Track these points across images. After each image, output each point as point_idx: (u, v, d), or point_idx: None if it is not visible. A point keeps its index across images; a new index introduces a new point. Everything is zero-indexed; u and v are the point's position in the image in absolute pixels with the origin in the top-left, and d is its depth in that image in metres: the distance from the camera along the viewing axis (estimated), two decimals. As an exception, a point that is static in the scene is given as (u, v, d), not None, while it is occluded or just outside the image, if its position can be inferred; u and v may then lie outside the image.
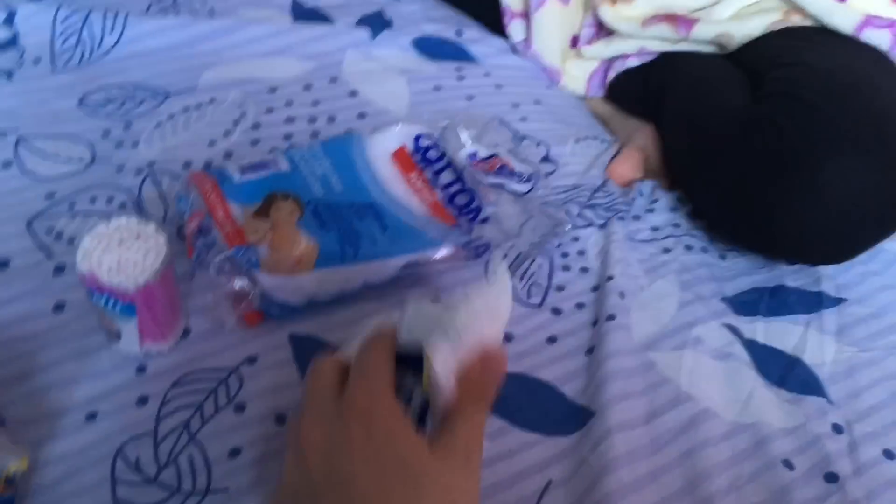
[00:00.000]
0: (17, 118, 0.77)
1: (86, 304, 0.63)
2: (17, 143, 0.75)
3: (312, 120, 0.84)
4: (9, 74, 0.82)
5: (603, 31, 0.99)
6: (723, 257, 0.82)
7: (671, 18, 0.91)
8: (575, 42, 1.01)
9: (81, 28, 0.86)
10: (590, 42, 1.00)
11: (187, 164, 0.77)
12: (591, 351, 0.68)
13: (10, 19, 0.85)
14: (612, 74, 0.98)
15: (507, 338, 0.68)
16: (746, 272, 0.81)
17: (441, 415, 0.46)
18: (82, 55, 0.86)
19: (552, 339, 0.69)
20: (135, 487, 0.54)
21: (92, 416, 0.58)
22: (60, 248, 0.67)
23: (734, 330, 0.72)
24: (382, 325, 0.50)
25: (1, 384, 0.58)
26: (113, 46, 0.87)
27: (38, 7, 0.87)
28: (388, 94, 0.90)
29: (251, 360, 0.63)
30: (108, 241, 0.56)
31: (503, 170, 0.75)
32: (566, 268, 0.75)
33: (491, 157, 0.76)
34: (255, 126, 0.82)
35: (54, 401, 0.58)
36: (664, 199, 0.87)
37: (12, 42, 0.84)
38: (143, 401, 0.59)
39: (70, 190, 0.72)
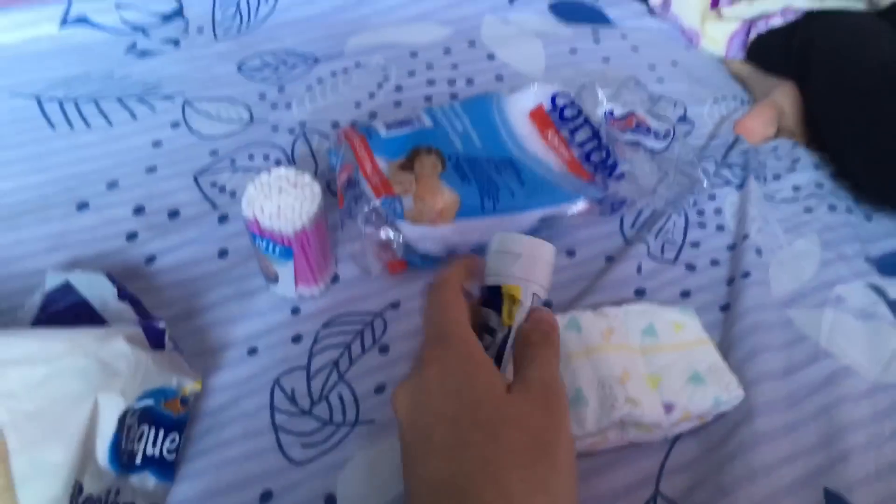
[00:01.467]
0: (184, 82, 0.84)
1: (247, 251, 0.68)
2: (184, 105, 0.81)
3: (451, 82, 0.87)
4: (176, 43, 0.89)
5: (746, -10, 0.97)
6: (868, 218, 0.80)
7: (819, -26, 0.88)
8: (715, 2, 1.00)
9: (239, -1, 0.93)
10: (732, 2, 0.98)
11: (335, 125, 0.81)
12: (726, 307, 0.68)
13: (175, -8, 0.92)
14: (753, 34, 0.96)
15: (639, 292, 0.69)
16: (893, 233, 0.78)
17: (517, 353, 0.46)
18: (240, 24, 0.92)
19: (686, 294, 0.69)
20: (291, 417, 0.59)
21: (252, 351, 0.63)
22: (224, 200, 0.73)
23: (879, 290, 0.71)
24: (455, 261, 0.49)
25: (173, 320, 0.64)
26: (268, 16, 0.93)
27: (202, -21, 0.94)
28: (525, 56, 0.92)
29: (394, 305, 0.67)
30: (270, 189, 0.61)
31: (640, 127, 0.75)
32: (702, 225, 0.75)
33: (628, 114, 0.77)
34: (398, 88, 0.86)
35: (219, 336, 0.64)
36: (806, 159, 0.85)
37: (178, 13, 0.92)
38: (297, 339, 0.64)
39: (231, 147, 0.78)
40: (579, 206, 0.71)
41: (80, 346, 0.48)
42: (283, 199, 0.60)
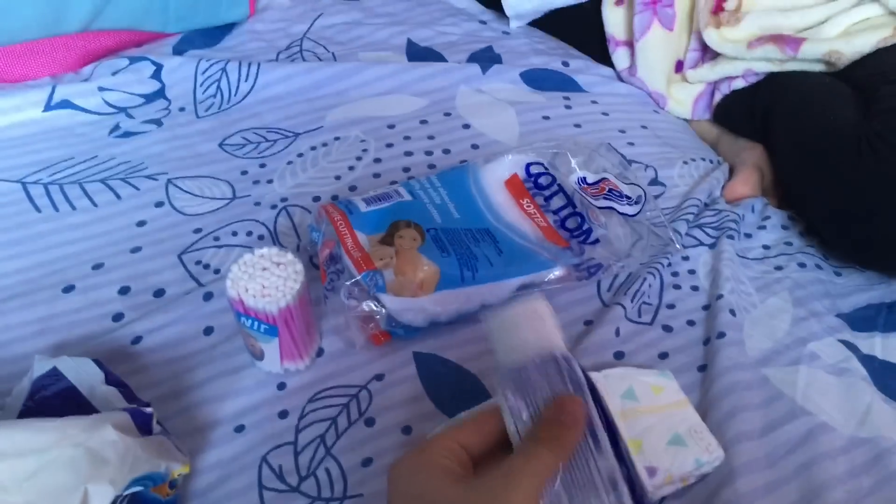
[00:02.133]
0: (167, 162, 0.86)
1: (232, 327, 0.69)
2: (167, 184, 0.83)
3: (429, 153, 0.90)
4: (158, 123, 0.91)
5: (708, 54, 1.00)
6: (838, 274, 0.82)
7: (777, 39, 0.91)
8: (679, 67, 1.03)
9: (220, 78, 0.95)
10: (695, 66, 1.01)
11: (316, 198, 0.83)
12: (703, 368, 0.70)
13: (157, 73, 0.95)
14: (718, 97, 1.00)
15: (619, 355, 0.70)
16: (863, 288, 0.80)
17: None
18: (221, 101, 0.95)
19: (663, 356, 0.71)
20: (280, 494, 0.60)
21: (240, 428, 0.64)
22: (208, 278, 0.75)
23: (850, 346, 0.72)
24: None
25: (160, 400, 0.65)
26: (248, 93, 0.95)
27: (182, 60, 0.96)
28: (499, 125, 0.95)
29: (379, 377, 0.68)
30: (253, 269, 0.62)
31: (612, 193, 0.78)
32: (676, 286, 0.77)
33: (600, 181, 0.79)
34: (377, 160, 0.88)
35: (206, 414, 0.65)
36: (775, 217, 0.87)
37: (160, 93, 0.94)
38: (283, 414, 0.65)
39: (214, 224, 0.80)
40: (557, 272, 0.73)
41: (69, 437, 0.48)
42: (266, 279, 0.61)
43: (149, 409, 0.55)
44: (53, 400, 0.56)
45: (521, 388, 0.48)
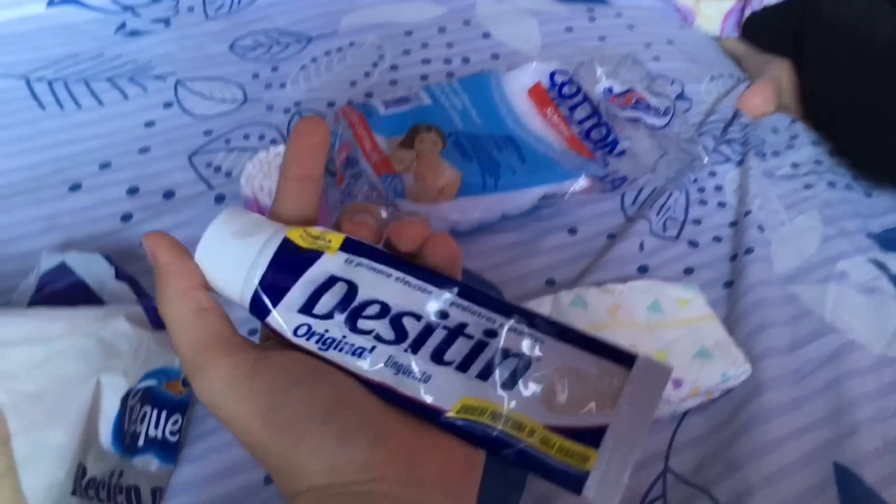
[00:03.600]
0: (175, 62, 0.82)
1: (244, 230, 0.67)
2: (176, 85, 0.80)
3: (447, 61, 0.86)
4: (166, 22, 0.87)
5: (740, -33, 0.96)
6: (868, 194, 0.79)
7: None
8: (710, -20, 0.99)
9: (230, -23, 0.91)
10: (726, -20, 0.97)
11: (331, 104, 0.80)
12: (729, 284, 0.68)
13: (164, -29, 0.90)
14: (748, 12, 0.96)
15: (643, 269, 0.68)
16: (894, 209, 0.78)
17: None
18: (231, 3, 0.90)
19: (689, 271, 0.69)
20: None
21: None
22: (219, 181, 0.72)
23: (881, 265, 0.70)
24: None
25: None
26: (259, -6, 0.91)
27: (190, -42, 0.92)
28: (520, 35, 0.91)
29: (395, 284, 0.66)
30: (269, 167, 0.60)
31: (640, 104, 0.75)
32: (703, 202, 0.75)
33: (627, 91, 0.76)
34: (393, 67, 0.85)
35: (218, 318, 0.63)
36: (804, 135, 0.84)
37: (168, -8, 0.90)
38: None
39: (225, 127, 0.77)
40: (580, 183, 0.70)
41: (80, 326, 0.46)
42: (282, 177, 0.59)
43: (162, 304, 0.53)
44: (62, 295, 0.54)
45: None
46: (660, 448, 0.57)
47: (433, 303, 0.27)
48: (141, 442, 0.50)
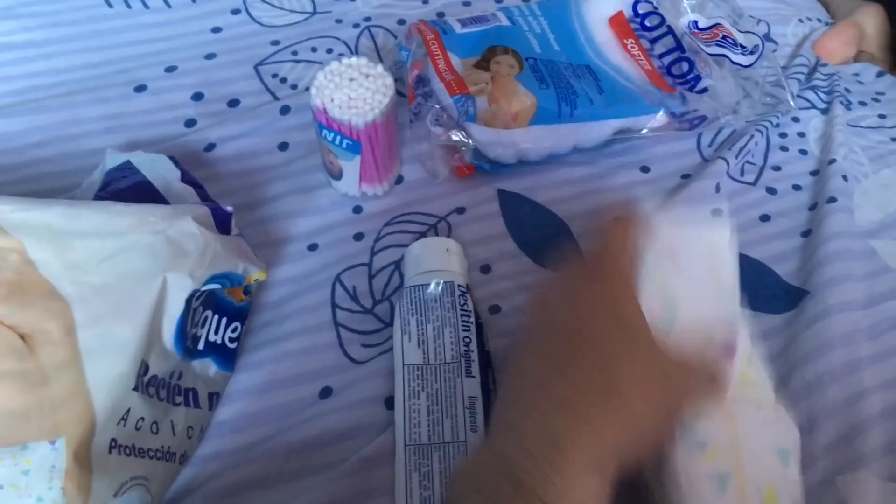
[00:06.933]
0: (245, -31, 0.80)
1: (308, 145, 0.66)
2: (244, -8, 0.78)
3: (525, -15, 0.83)
4: (236, -72, 0.84)
5: None
6: (958, 152, 0.75)
7: None
8: (804, -83, 0.93)
9: None
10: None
11: (401, 21, 0.78)
12: (807, 233, 0.65)
13: None
14: (842, -47, 0.91)
15: (716, 212, 0.65)
16: (985, 169, 0.74)
17: None
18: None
19: (765, 218, 0.66)
20: (353, 314, 0.57)
21: (313, 247, 0.61)
22: (285, 92, 0.70)
23: (968, 226, 0.67)
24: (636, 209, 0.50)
25: (236, 209, 0.62)
26: None
27: None
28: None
29: (460, 210, 0.64)
30: (341, 78, 0.57)
31: (726, 40, 0.71)
32: (784, 148, 0.72)
33: (713, 26, 0.72)
34: (468, -13, 0.82)
35: (279, 230, 0.62)
36: (892, 87, 0.80)
37: None
38: (359, 237, 0.62)
39: (293, 38, 0.75)
40: (658, 119, 0.67)
41: (148, 223, 0.45)
42: (354, 90, 0.57)
43: (229, 208, 0.52)
44: (126, 193, 0.53)
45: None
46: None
47: None
48: (201, 345, 0.50)
